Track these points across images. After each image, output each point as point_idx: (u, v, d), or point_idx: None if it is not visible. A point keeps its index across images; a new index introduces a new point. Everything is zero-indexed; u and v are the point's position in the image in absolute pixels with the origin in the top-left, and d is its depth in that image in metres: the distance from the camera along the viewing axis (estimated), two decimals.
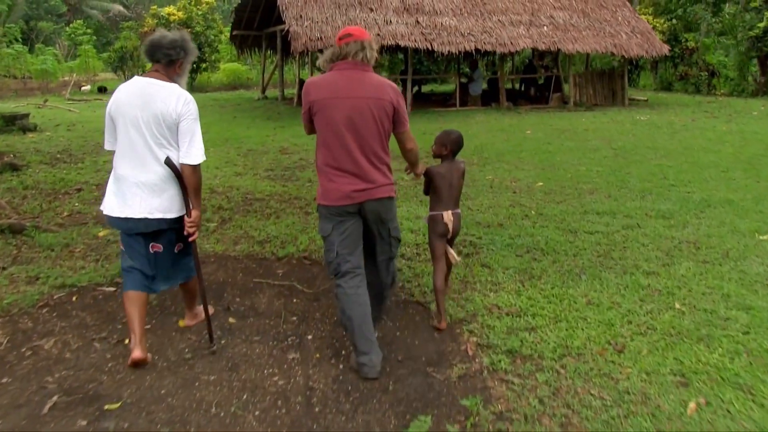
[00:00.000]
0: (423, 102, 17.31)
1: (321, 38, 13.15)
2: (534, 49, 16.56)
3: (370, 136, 3.08)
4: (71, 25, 32.29)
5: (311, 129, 3.23)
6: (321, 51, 22.18)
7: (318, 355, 3.32)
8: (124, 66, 23.92)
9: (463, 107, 15.97)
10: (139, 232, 3.17)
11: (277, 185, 7.31)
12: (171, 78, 3.17)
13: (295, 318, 3.78)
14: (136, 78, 3.19)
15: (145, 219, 3.10)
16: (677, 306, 3.78)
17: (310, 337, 3.53)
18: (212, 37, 23.56)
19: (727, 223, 5.51)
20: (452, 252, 3.73)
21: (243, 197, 6.72)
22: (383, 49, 20.03)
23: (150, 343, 3.42)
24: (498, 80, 18.00)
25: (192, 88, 24.33)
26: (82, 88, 24.13)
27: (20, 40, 35.72)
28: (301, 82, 17.93)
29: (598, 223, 5.54)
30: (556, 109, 16.64)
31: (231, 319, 3.75)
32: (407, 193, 6.82)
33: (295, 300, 4.05)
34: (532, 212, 5.95)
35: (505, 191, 6.88)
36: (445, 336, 3.51)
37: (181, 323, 3.70)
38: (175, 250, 3.31)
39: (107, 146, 3.23)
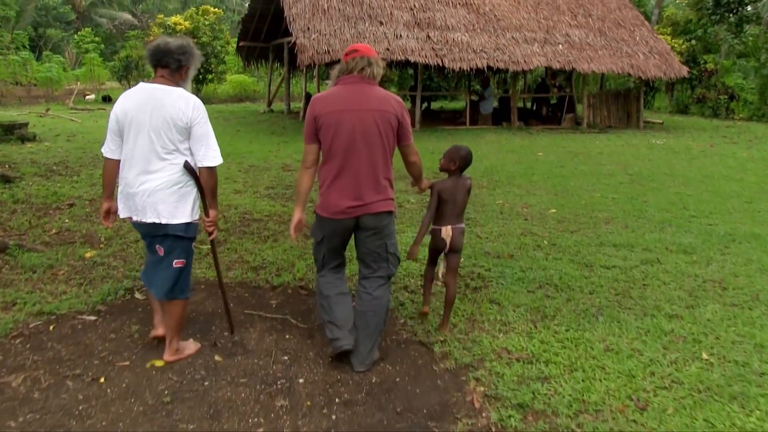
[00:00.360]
0: (432, 119, 17.15)
1: (328, 51, 13.03)
2: (547, 68, 16.41)
3: (374, 149, 3.15)
4: (79, 33, 32.49)
5: (314, 151, 3.26)
6: (328, 65, 22.03)
7: (309, 403, 3.06)
8: (129, 75, 23.92)
9: (473, 126, 15.79)
10: (148, 233, 3.28)
11: (277, 205, 7.09)
12: (177, 83, 3.21)
13: (286, 357, 3.53)
14: (142, 84, 3.22)
15: (154, 223, 3.17)
16: (704, 356, 3.50)
17: (301, 380, 3.28)
18: (219, 47, 23.56)
19: (754, 261, 5.23)
20: (442, 268, 3.86)
21: (240, 217, 6.50)
22: (392, 64, 19.98)
23: (126, 383, 3.18)
24: (509, 99, 17.86)
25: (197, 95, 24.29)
26: (87, 97, 24.15)
27: (28, 46, 36.00)
28: (308, 96, 17.82)
29: (615, 257, 5.28)
30: (568, 130, 16.42)
31: (217, 357, 3.50)
32: (413, 217, 6.58)
33: (287, 336, 3.80)
34: (545, 242, 5.70)
35: (516, 218, 6.64)
36: (450, 384, 3.24)
37: (157, 362, 3.41)
38: (174, 264, 3.29)
39: (108, 154, 3.27)
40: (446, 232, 3.66)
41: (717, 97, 21.88)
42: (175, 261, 3.28)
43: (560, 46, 15.86)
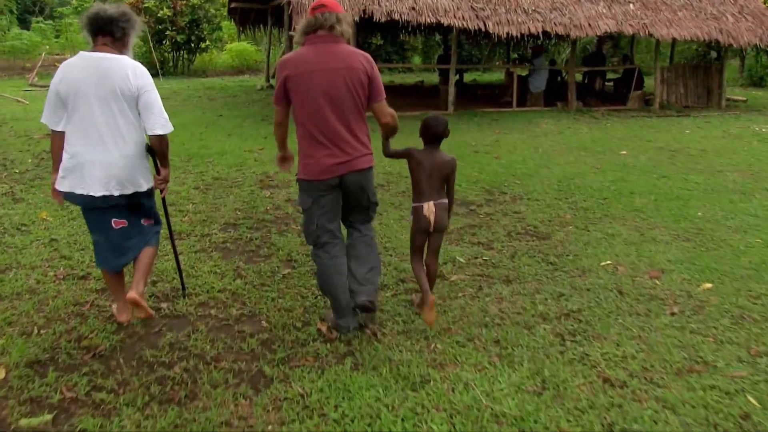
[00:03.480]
0: (468, 98, 14.08)
1: None
2: (601, 37, 13.20)
3: (346, 107, 3.17)
4: None
5: (283, 112, 3.30)
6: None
7: None
8: None
9: (521, 107, 12.76)
10: (97, 207, 3.21)
11: (229, 272, 4.30)
12: (120, 52, 3.19)
13: None
14: (84, 54, 3.15)
15: (104, 196, 3.12)
16: None
17: None
18: (212, 11, 20.62)
19: None
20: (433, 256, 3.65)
21: (145, 328, 3.70)
22: (416, 29, 16.95)
23: None
24: (559, 73, 14.81)
25: (188, 72, 21.49)
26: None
27: (14, 11, 33.26)
28: None
29: None
30: (639, 112, 13.33)
31: None
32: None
33: None
34: (751, 405, 2.83)
35: (647, 302, 3.79)
36: None
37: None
38: (143, 222, 3.41)
39: (54, 126, 3.18)
40: (429, 208, 3.51)
41: None
42: (143, 219, 3.40)
43: (632, 5, 12.70)
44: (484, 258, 4.57)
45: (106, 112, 3.08)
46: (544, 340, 3.34)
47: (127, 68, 3.08)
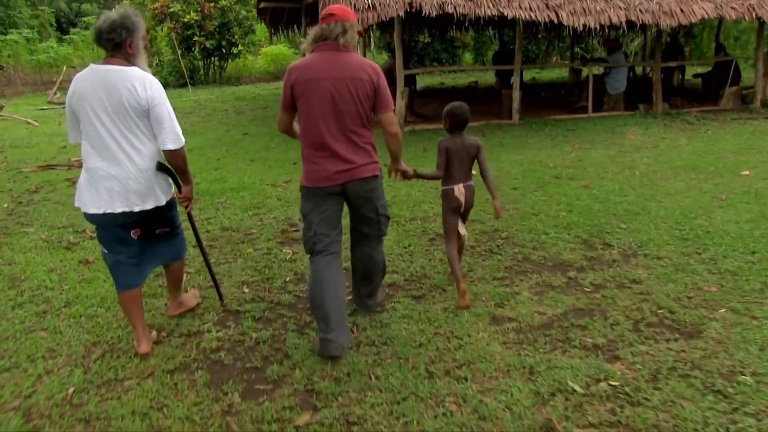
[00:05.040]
0: (532, 102, 12.24)
1: (373, 6, 8.55)
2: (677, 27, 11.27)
3: (350, 116, 3.20)
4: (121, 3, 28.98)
5: (288, 119, 3.36)
6: (382, 28, 17.59)
7: None
8: None
9: (597, 113, 10.98)
10: (119, 224, 3.19)
11: (214, 420, 2.83)
12: (128, 61, 3.12)
13: None
14: (93, 66, 3.12)
15: (124, 212, 3.12)
16: None
17: None
18: (243, 13, 19.41)
19: None
20: (462, 226, 3.95)
21: None
22: (470, 23, 15.32)
23: None
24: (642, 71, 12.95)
25: (220, 80, 20.36)
26: None
27: (54, 25, 32.93)
28: None
29: None
30: (737, 112, 11.40)
31: None
32: None
33: None
34: None
35: None
36: None
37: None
38: (156, 232, 3.37)
39: (71, 140, 3.25)
40: (459, 190, 3.84)
41: None
42: (168, 228, 3.43)
43: None
44: (611, 383, 2.97)
45: (116, 127, 3.06)
46: None
47: (134, 80, 3.04)
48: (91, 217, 3.17)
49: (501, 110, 10.94)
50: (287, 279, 4.35)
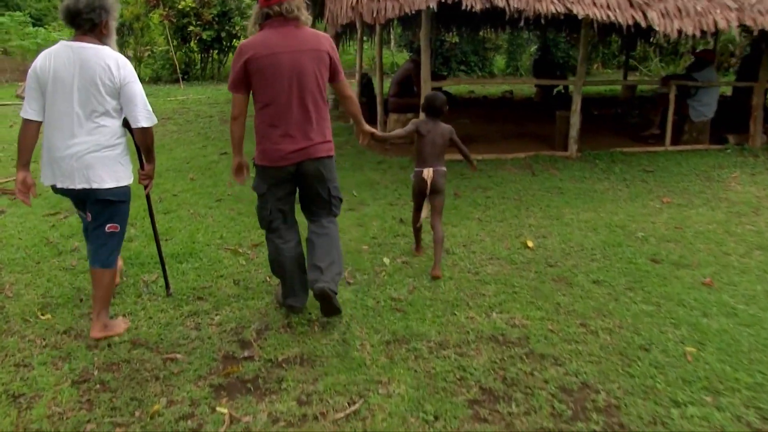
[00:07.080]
0: (584, 123, 9.98)
1: None
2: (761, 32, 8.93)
3: (310, 90, 3.25)
4: None
5: (244, 100, 3.30)
6: (404, 23, 15.35)
7: None
8: (125, 43, 17.93)
9: (675, 145, 8.72)
10: (78, 200, 3.32)
11: None
12: (101, 41, 3.18)
13: None
14: (64, 43, 3.15)
15: (84, 189, 3.17)
16: None
17: None
18: (246, 2, 17.40)
19: None
20: (426, 207, 4.33)
21: None
22: (512, 23, 13.03)
23: None
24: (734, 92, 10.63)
25: (218, 76, 18.39)
26: None
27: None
28: (363, 76, 11.52)
29: None
30: None
31: None
32: None
33: None
34: None
35: None
36: None
37: None
38: (107, 229, 3.32)
39: (29, 115, 3.18)
40: (428, 173, 4.16)
41: None
42: (108, 225, 3.31)
43: None
44: None
45: (84, 103, 3.10)
46: None
47: (108, 59, 3.11)
48: (55, 189, 3.22)
49: (545, 132, 8.81)
50: None
